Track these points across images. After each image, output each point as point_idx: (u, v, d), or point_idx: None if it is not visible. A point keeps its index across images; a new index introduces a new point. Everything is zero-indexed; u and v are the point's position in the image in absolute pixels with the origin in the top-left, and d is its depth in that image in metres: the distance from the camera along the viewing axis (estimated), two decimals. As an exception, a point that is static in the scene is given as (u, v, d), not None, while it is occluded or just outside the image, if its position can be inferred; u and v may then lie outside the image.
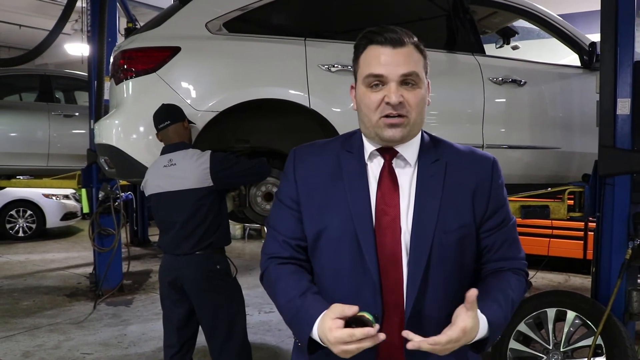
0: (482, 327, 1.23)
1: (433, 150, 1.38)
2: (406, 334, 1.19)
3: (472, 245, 1.36)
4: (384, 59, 1.29)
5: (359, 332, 1.14)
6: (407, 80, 1.30)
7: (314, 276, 1.41)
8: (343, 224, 1.32)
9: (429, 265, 1.29)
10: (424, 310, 1.29)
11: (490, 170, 1.38)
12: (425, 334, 1.21)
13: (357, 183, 1.35)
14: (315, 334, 1.24)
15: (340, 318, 1.18)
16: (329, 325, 1.18)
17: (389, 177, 1.35)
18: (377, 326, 1.17)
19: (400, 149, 1.35)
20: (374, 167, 1.37)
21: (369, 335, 1.15)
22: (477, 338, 1.23)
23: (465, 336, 1.19)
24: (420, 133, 1.39)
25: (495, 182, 1.38)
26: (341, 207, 1.33)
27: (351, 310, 1.18)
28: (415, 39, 1.35)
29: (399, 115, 1.29)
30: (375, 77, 1.30)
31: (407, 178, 1.35)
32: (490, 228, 1.37)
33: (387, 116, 1.29)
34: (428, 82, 1.38)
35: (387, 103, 1.28)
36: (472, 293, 1.19)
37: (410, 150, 1.36)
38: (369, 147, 1.38)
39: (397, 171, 1.35)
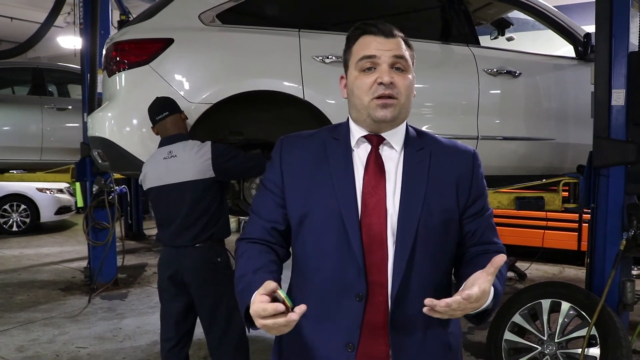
0: (490, 296, 1.26)
1: (418, 140, 1.45)
2: (429, 301, 1.18)
3: (455, 230, 1.42)
4: (375, 45, 1.37)
5: (270, 307, 1.15)
6: (398, 65, 1.37)
7: (299, 257, 1.45)
8: (328, 205, 1.37)
9: (415, 246, 1.34)
10: (409, 290, 1.34)
11: (472, 160, 1.46)
12: (409, 313, 1.33)
13: (342, 167, 1.40)
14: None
15: (266, 294, 1.19)
16: (253, 299, 1.21)
17: (375, 161, 1.40)
18: (302, 307, 1.17)
19: (387, 135, 1.41)
20: (361, 153, 1.42)
21: (278, 311, 1.14)
22: (484, 307, 1.26)
23: (482, 299, 1.20)
24: (405, 123, 1.46)
25: (476, 172, 1.45)
26: (327, 189, 1.38)
27: (270, 286, 1.19)
28: (403, 35, 1.43)
29: (390, 97, 1.35)
30: (368, 59, 1.37)
31: (393, 164, 1.41)
32: (472, 214, 1.43)
33: (379, 97, 1.35)
34: (414, 77, 1.44)
35: (380, 83, 1.34)
36: (500, 259, 1.21)
37: (396, 138, 1.42)
38: (356, 134, 1.43)
39: (384, 157, 1.41)
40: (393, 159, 1.41)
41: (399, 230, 1.34)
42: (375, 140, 1.41)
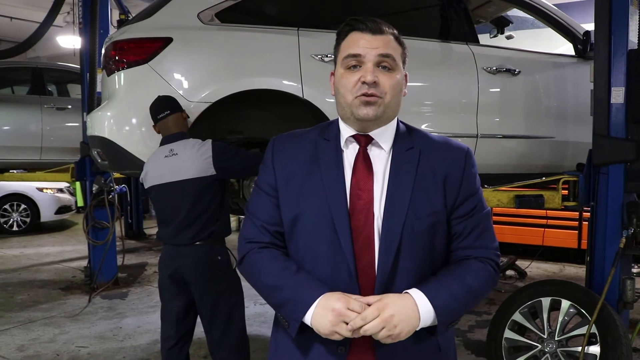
0: (426, 310, 1.27)
1: (408, 138, 1.42)
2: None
3: (443, 231, 1.39)
4: (362, 42, 1.35)
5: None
6: (384, 63, 1.35)
7: (292, 258, 1.43)
8: (319, 209, 1.36)
9: (399, 250, 1.33)
10: (392, 293, 1.32)
11: (464, 159, 1.41)
12: None
13: (333, 169, 1.38)
14: (308, 318, 1.29)
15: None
16: (352, 306, 1.26)
17: (363, 162, 1.38)
18: None
19: (375, 135, 1.39)
20: (350, 154, 1.41)
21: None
22: (423, 322, 1.27)
23: (391, 319, 1.23)
24: (396, 121, 1.43)
25: (467, 171, 1.41)
26: (317, 192, 1.37)
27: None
28: (395, 31, 1.40)
29: (374, 95, 1.33)
30: (353, 57, 1.35)
31: (381, 164, 1.39)
32: (460, 215, 1.40)
33: (362, 95, 1.33)
34: (406, 75, 1.42)
35: (363, 82, 1.33)
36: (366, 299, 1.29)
37: (385, 137, 1.40)
38: (345, 134, 1.41)
39: (372, 157, 1.39)
40: (382, 158, 1.39)
41: (382, 234, 1.33)
42: (364, 140, 1.39)
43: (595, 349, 3.04)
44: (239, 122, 3.22)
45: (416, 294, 1.29)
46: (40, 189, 9.57)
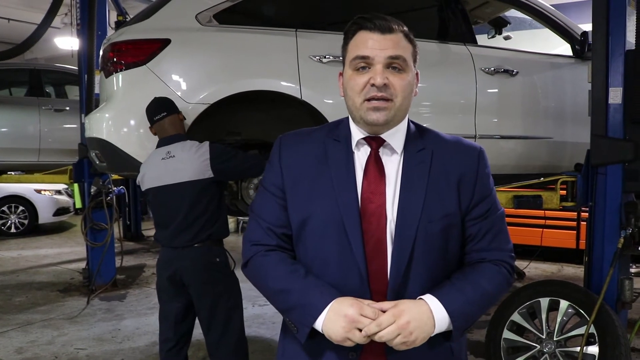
0: (441, 317, 1.25)
1: (419, 139, 1.38)
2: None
3: (457, 234, 1.36)
4: (371, 43, 1.30)
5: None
6: (394, 64, 1.30)
7: (301, 261, 1.40)
8: (329, 211, 1.32)
9: (412, 254, 1.30)
10: (407, 297, 1.29)
11: (477, 159, 1.38)
12: None
13: (343, 171, 1.34)
14: (319, 323, 1.26)
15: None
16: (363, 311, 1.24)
17: (375, 165, 1.35)
18: None
19: (386, 137, 1.35)
20: (361, 156, 1.37)
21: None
22: (438, 328, 1.26)
23: (407, 325, 1.21)
24: (406, 122, 1.39)
25: (481, 171, 1.37)
26: (327, 195, 1.33)
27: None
28: (405, 28, 1.35)
29: (384, 99, 1.29)
30: (361, 59, 1.30)
31: (393, 166, 1.35)
32: (475, 217, 1.36)
33: (371, 99, 1.29)
34: (417, 73, 1.38)
35: (372, 85, 1.28)
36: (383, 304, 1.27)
37: (396, 139, 1.36)
38: (356, 136, 1.38)
39: (384, 160, 1.36)
40: (394, 161, 1.35)
41: (395, 239, 1.30)
42: (375, 143, 1.35)
43: (593, 349, 3.05)
44: (237, 124, 3.22)
45: (431, 300, 1.26)
46: (38, 191, 9.56)
